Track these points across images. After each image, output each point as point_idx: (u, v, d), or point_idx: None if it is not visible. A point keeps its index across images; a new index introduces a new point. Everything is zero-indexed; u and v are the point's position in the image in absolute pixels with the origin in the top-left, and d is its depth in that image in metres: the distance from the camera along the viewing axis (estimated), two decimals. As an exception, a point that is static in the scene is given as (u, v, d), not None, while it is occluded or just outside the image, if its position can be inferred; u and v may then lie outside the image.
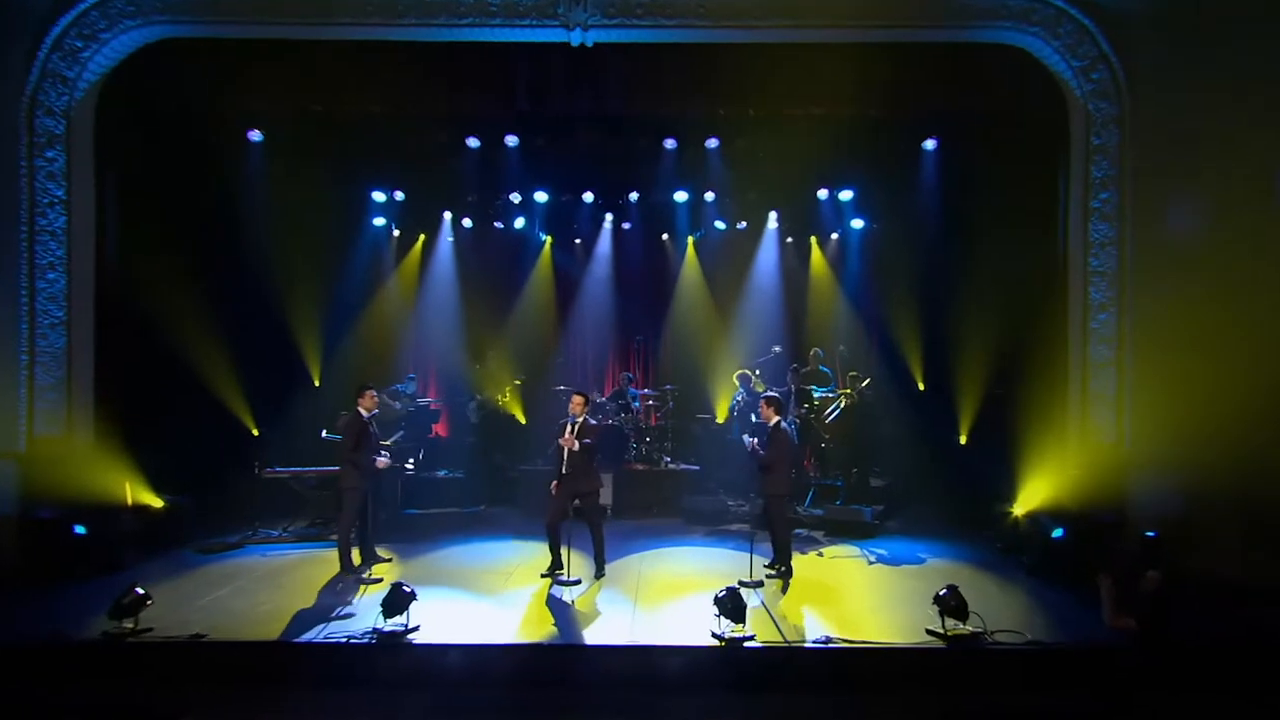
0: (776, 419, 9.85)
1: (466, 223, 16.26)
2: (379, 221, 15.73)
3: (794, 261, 16.79)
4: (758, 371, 14.75)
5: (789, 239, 16.75)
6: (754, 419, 13.21)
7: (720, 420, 15.06)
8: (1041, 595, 9.36)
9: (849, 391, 13.50)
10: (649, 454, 14.53)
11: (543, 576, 9.61)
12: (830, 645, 7.76)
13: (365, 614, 8.38)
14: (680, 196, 15.18)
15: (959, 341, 12.60)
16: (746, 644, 7.73)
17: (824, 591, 9.52)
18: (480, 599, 9.09)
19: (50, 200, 10.65)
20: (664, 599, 9.09)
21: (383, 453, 10.42)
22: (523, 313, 16.53)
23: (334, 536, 10.29)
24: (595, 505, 9.90)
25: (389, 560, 10.62)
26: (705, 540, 12.01)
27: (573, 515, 9.78)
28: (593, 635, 8.11)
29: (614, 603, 8.99)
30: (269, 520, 12.09)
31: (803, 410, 13.71)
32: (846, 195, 14.97)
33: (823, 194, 15.07)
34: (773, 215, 16.15)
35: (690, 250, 16.85)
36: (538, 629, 8.23)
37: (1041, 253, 11.24)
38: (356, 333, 15.02)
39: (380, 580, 9.54)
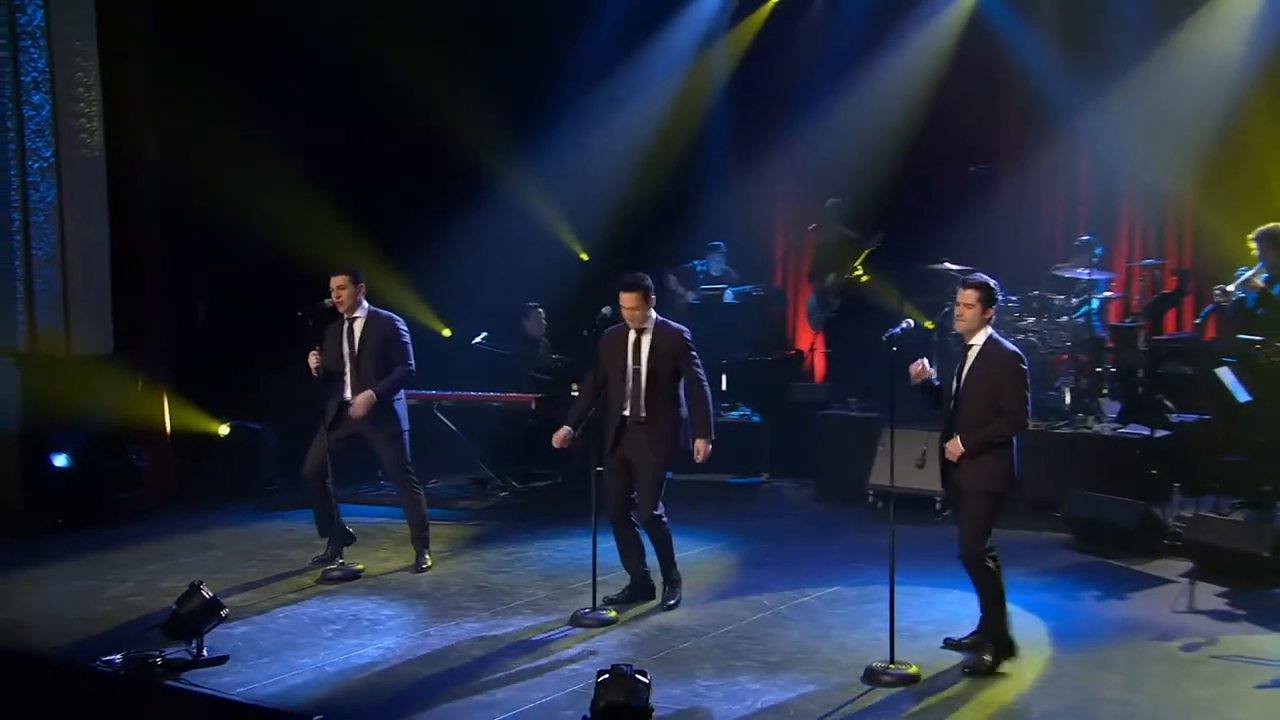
0: (986, 333, 4.86)
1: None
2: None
3: None
4: None
5: None
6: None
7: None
8: None
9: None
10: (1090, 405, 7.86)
11: (607, 602, 5.69)
12: None
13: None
14: None
15: None
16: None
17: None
18: (415, 635, 5.36)
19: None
20: (680, 677, 4.72)
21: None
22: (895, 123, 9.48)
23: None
24: (650, 485, 5.59)
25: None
26: (1046, 581, 6.12)
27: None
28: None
29: (581, 668, 4.84)
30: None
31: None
32: None
33: None
34: None
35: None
36: (373, 694, 4.61)
37: None
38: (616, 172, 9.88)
39: (357, 572, 6.27)
